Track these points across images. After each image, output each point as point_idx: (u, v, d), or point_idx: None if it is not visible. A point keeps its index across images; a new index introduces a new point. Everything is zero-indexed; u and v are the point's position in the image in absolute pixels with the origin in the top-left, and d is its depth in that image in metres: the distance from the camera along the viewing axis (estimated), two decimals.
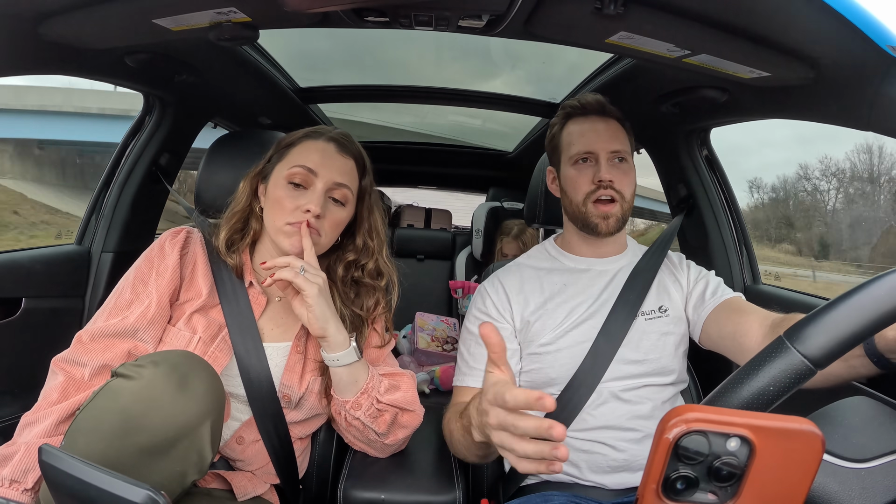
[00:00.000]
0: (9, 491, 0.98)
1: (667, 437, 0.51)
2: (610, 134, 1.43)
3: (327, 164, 1.28)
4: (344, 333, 1.24)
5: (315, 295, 1.18)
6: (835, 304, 0.62)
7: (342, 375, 1.27)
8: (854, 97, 1.20)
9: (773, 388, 0.60)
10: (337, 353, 1.24)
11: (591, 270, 1.48)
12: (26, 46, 1.31)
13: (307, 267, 1.19)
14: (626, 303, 1.40)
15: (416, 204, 4.99)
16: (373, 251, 1.39)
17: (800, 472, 0.52)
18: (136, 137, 2.04)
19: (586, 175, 1.42)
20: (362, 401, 1.28)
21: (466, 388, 1.39)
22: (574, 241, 1.51)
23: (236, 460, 1.30)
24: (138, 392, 0.92)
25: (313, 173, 1.26)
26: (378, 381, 1.31)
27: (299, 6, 1.15)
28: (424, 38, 2.17)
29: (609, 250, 1.50)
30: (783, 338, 0.62)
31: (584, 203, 1.41)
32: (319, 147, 1.30)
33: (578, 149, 1.43)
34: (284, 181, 1.26)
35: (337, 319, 1.23)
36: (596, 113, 1.46)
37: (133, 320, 1.19)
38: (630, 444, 1.30)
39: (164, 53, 1.61)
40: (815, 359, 0.60)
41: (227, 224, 1.31)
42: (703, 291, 1.43)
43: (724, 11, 1.08)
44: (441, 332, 2.95)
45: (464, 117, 3.16)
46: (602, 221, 1.40)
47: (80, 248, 1.97)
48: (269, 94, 2.32)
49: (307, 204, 1.22)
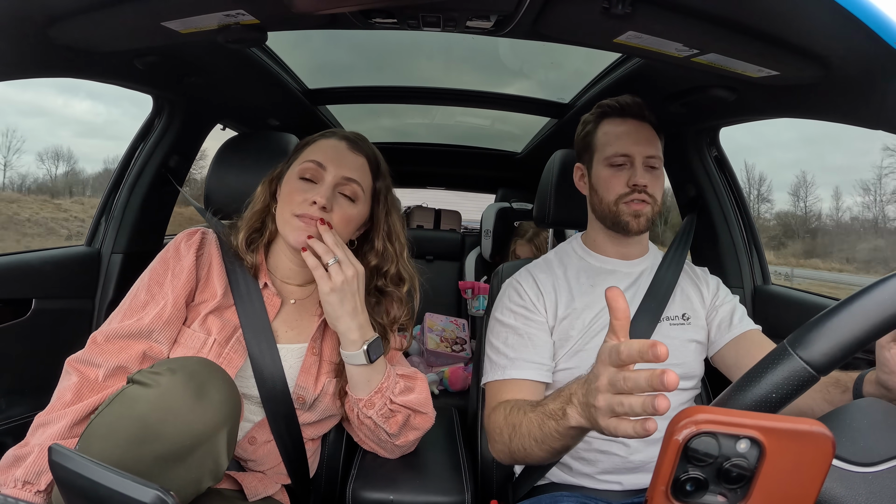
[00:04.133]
0: (21, 492, 0.99)
1: (676, 439, 0.51)
2: (646, 138, 1.43)
3: (337, 159, 1.28)
4: (356, 334, 1.23)
5: (326, 292, 1.18)
6: (836, 310, 0.61)
7: (354, 373, 1.27)
8: (864, 96, 1.19)
9: (776, 395, 0.60)
10: (347, 351, 1.24)
11: (617, 272, 1.47)
12: (36, 49, 1.31)
13: (341, 258, 1.19)
14: (650, 306, 1.40)
15: (425, 205, 4.99)
16: (393, 255, 1.38)
17: (810, 474, 0.51)
18: (145, 139, 2.06)
19: (621, 177, 1.41)
20: (375, 400, 1.28)
21: (508, 382, 1.35)
22: (600, 239, 1.51)
23: (248, 460, 1.30)
24: (155, 400, 0.92)
25: (322, 167, 1.26)
26: (394, 381, 1.31)
27: (307, 8, 1.15)
28: (433, 40, 2.17)
29: (634, 252, 1.50)
30: (785, 344, 0.62)
31: (616, 203, 1.41)
32: (331, 144, 1.31)
33: (616, 150, 1.42)
34: (296, 176, 1.27)
35: (352, 319, 1.22)
36: (634, 116, 1.46)
37: (148, 321, 1.19)
38: (647, 445, 1.31)
39: (173, 56, 1.62)
40: (818, 365, 0.59)
41: (247, 224, 1.32)
42: (730, 314, 1.44)
43: (732, 10, 1.07)
44: (450, 333, 2.95)
45: (473, 118, 3.15)
46: (633, 220, 1.39)
47: (91, 249, 1.99)
48: (277, 95, 2.33)
49: (314, 196, 1.22)
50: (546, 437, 1.04)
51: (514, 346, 1.38)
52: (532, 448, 1.10)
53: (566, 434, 0.97)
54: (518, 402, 1.21)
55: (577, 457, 1.35)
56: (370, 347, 1.24)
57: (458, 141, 3.76)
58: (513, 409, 1.20)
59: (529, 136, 3.37)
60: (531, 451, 1.10)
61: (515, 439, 1.15)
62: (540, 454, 1.09)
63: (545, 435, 1.03)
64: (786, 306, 1.85)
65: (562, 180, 1.68)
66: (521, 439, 1.13)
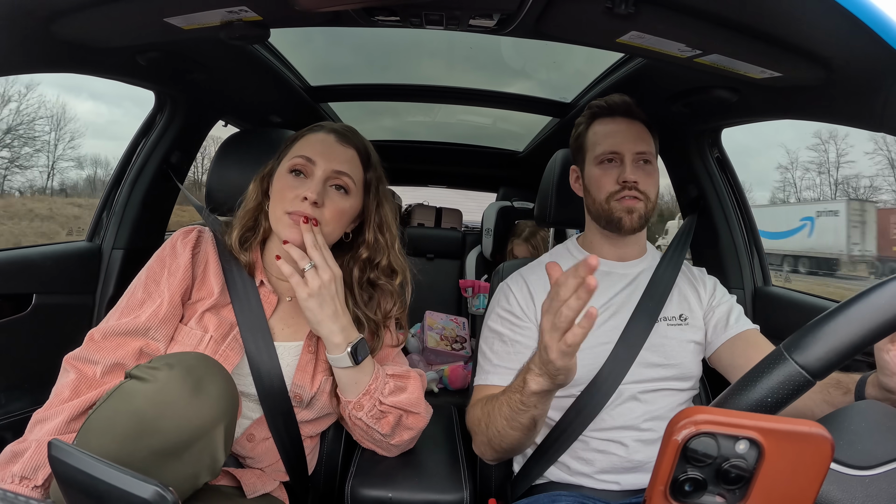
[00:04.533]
0: (19, 488, 0.99)
1: (675, 439, 0.51)
2: (636, 135, 1.43)
3: (326, 153, 1.28)
4: (339, 337, 1.23)
5: (304, 298, 1.19)
6: (833, 315, 0.61)
7: (340, 376, 1.27)
8: (866, 98, 1.19)
9: (771, 400, 0.60)
10: (332, 354, 1.24)
11: (613, 273, 1.47)
12: (38, 45, 1.31)
13: (317, 262, 1.19)
14: (647, 306, 1.40)
15: (426, 203, 4.99)
16: (384, 247, 1.38)
17: (808, 476, 0.51)
18: (147, 135, 2.06)
19: (611, 175, 1.42)
20: (364, 402, 1.28)
21: (490, 387, 1.38)
22: (596, 241, 1.51)
23: (246, 458, 1.30)
24: (153, 395, 0.92)
25: (312, 162, 1.26)
26: (383, 382, 1.31)
27: (310, 5, 1.15)
28: (435, 38, 2.16)
29: (630, 252, 1.50)
30: (781, 349, 0.62)
31: (608, 201, 1.41)
32: (320, 138, 1.31)
33: (604, 149, 1.43)
34: (286, 172, 1.27)
35: (333, 322, 1.22)
36: (622, 114, 1.47)
37: (145, 319, 1.19)
38: (645, 445, 1.31)
39: (176, 52, 1.61)
40: (813, 369, 0.59)
41: (240, 223, 1.32)
42: (726, 314, 1.44)
43: (735, 11, 1.07)
44: (450, 331, 2.95)
45: (474, 117, 3.15)
46: (626, 215, 1.39)
47: (91, 244, 1.99)
48: (279, 92, 2.33)
49: (305, 191, 1.22)
50: (513, 413, 1.15)
51: (498, 353, 1.42)
52: (504, 428, 1.20)
53: (529, 402, 1.10)
54: (491, 396, 1.30)
55: (575, 456, 1.35)
56: (355, 348, 1.24)
57: (459, 139, 3.76)
58: (488, 401, 1.29)
59: (531, 135, 3.37)
60: (504, 433, 1.21)
61: (490, 425, 1.25)
62: (512, 433, 1.20)
63: (512, 411, 1.15)
64: (786, 307, 1.85)
65: (563, 180, 1.68)
66: (493, 423, 1.23)
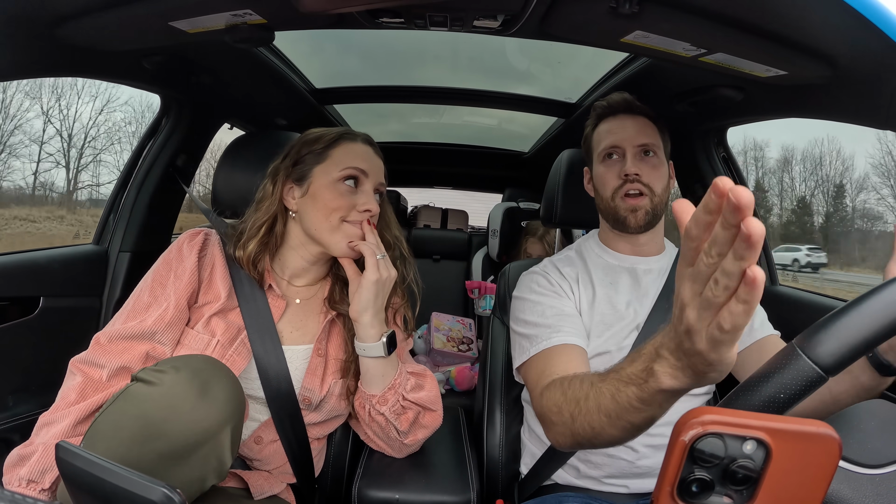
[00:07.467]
0: (26, 491, 0.99)
1: (682, 440, 0.51)
2: (637, 128, 1.43)
3: (372, 165, 1.32)
4: (377, 328, 1.27)
5: (373, 280, 1.24)
6: (846, 311, 0.61)
7: (370, 367, 1.29)
8: (872, 95, 1.19)
9: (784, 395, 0.59)
10: (365, 343, 1.27)
11: (635, 269, 1.46)
12: (43, 49, 1.32)
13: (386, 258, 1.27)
14: (665, 305, 1.38)
15: (432, 204, 4.99)
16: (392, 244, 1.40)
17: (816, 476, 0.51)
18: (153, 138, 2.06)
19: (614, 170, 1.41)
20: (389, 396, 1.30)
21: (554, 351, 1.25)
22: (611, 238, 1.50)
23: (253, 460, 1.30)
24: (159, 398, 0.92)
25: (365, 174, 1.30)
26: (405, 378, 1.33)
27: (314, 8, 1.15)
28: (440, 40, 2.17)
29: (648, 249, 1.48)
30: (794, 345, 0.61)
31: (613, 198, 1.41)
32: (361, 149, 1.34)
33: (606, 144, 1.44)
34: (336, 181, 1.28)
35: (375, 315, 1.27)
36: (623, 111, 1.47)
37: (151, 323, 1.19)
38: (655, 450, 1.30)
39: (181, 55, 1.62)
40: (826, 365, 0.59)
41: (256, 237, 1.29)
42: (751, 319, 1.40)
43: (739, 10, 1.07)
44: (457, 333, 2.95)
45: (480, 118, 3.16)
46: (630, 215, 1.39)
47: (98, 247, 1.99)
48: (285, 94, 2.33)
49: (366, 203, 1.27)
50: (623, 411, 0.86)
51: (551, 316, 1.32)
52: (603, 426, 0.92)
53: (652, 400, 0.80)
54: (579, 375, 1.05)
55: (583, 459, 1.34)
56: (390, 339, 1.28)
57: (465, 141, 3.76)
58: (573, 382, 1.04)
59: (537, 135, 3.36)
60: (601, 431, 0.93)
61: (580, 418, 0.97)
62: (612, 432, 0.92)
63: (621, 408, 0.86)
64: (793, 307, 1.84)
65: (569, 180, 1.68)
66: (587, 416, 0.95)
